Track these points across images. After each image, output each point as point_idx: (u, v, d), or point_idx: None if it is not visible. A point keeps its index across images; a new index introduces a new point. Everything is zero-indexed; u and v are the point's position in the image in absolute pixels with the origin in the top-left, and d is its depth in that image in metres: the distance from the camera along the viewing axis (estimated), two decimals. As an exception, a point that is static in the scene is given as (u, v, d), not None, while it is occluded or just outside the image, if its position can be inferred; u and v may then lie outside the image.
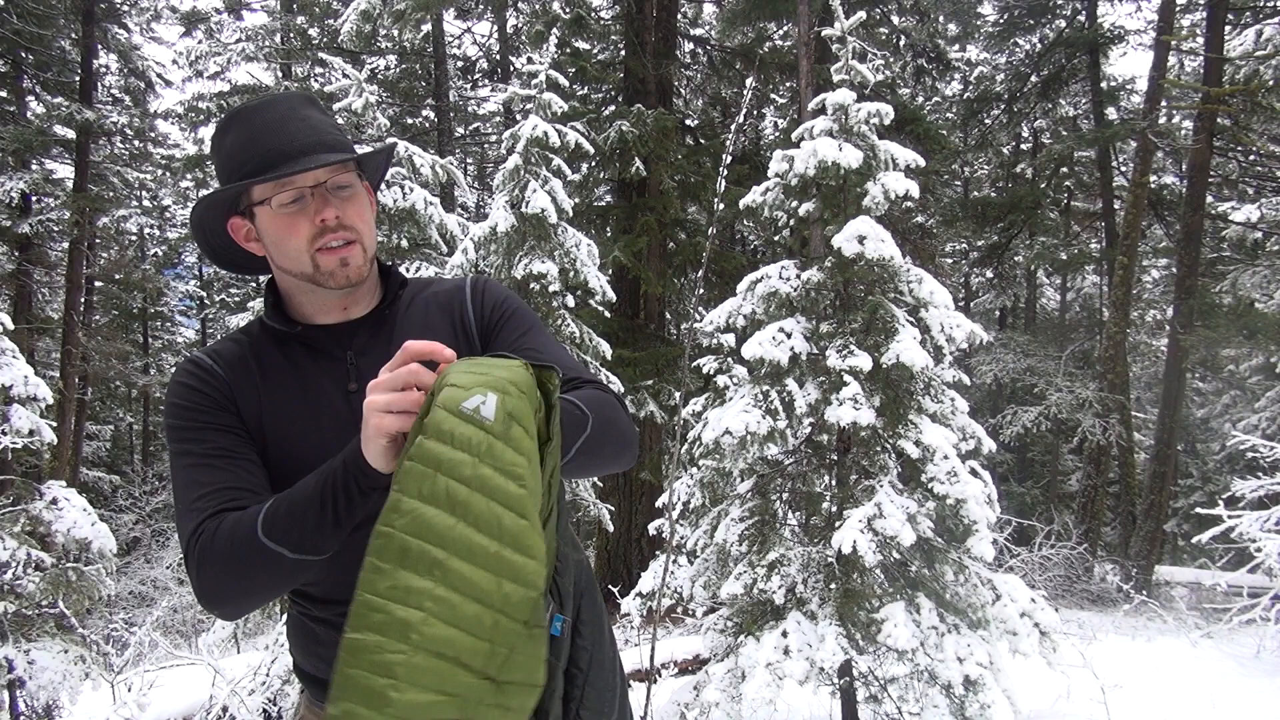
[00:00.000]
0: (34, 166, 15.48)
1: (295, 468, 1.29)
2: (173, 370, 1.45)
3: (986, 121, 18.28)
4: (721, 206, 4.94)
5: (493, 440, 1.00)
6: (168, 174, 19.64)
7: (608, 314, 9.31)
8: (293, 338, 1.38)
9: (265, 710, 5.12)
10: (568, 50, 11.71)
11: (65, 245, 16.56)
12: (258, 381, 1.36)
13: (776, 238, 5.54)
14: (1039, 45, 17.42)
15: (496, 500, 0.99)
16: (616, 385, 7.99)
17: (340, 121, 1.40)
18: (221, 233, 1.39)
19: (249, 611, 1.27)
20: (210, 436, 1.30)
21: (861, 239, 4.41)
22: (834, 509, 4.68)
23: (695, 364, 6.78)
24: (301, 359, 1.37)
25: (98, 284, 18.74)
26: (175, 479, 1.31)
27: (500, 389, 1.03)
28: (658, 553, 8.55)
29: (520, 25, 16.90)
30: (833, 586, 4.42)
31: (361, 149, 1.40)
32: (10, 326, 5.63)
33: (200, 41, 18.36)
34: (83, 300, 16.59)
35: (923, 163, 4.82)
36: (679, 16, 13.60)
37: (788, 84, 14.66)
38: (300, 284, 1.35)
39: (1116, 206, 16.19)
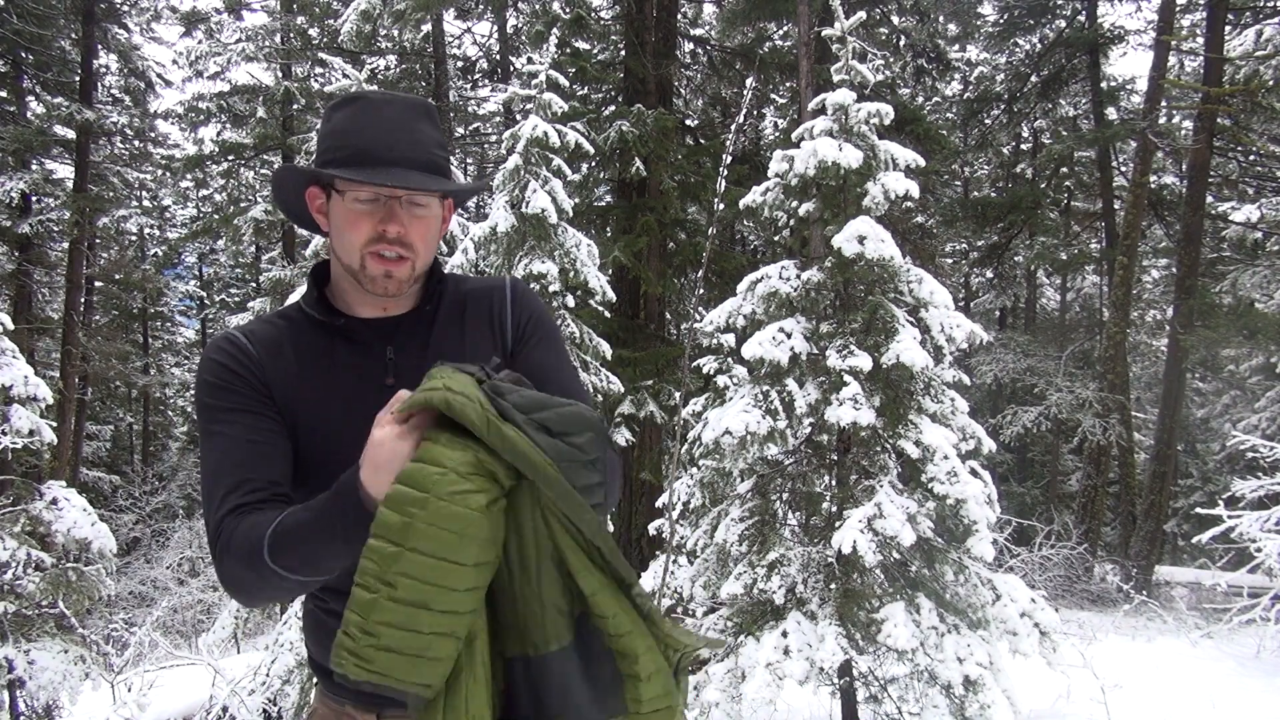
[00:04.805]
0: (34, 166, 15.48)
1: (325, 458, 1.31)
2: (204, 349, 1.45)
3: (986, 121, 18.27)
4: (721, 206, 4.95)
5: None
6: (168, 174, 19.63)
7: (608, 314, 9.29)
8: (334, 329, 1.40)
9: (265, 710, 5.11)
10: (568, 50, 11.69)
11: (65, 245, 16.56)
12: (293, 368, 1.37)
13: (776, 238, 5.55)
14: (1039, 45, 17.41)
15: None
16: (616, 385, 7.98)
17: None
18: (298, 193, 1.44)
19: (268, 605, 1.30)
20: (240, 419, 1.32)
21: (861, 239, 4.41)
22: (834, 509, 4.68)
23: (695, 364, 6.78)
24: (340, 350, 1.39)
25: (98, 284, 18.75)
26: (203, 458, 1.33)
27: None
28: (658, 553, 8.55)
29: (520, 25, 16.88)
30: (833, 586, 4.42)
31: (453, 180, 1.42)
32: (10, 326, 5.64)
33: (200, 41, 18.33)
34: (83, 300, 16.59)
35: (923, 163, 4.82)
36: (679, 16, 13.59)
37: (788, 84, 14.65)
38: (346, 275, 1.39)
39: (1116, 206, 16.18)
